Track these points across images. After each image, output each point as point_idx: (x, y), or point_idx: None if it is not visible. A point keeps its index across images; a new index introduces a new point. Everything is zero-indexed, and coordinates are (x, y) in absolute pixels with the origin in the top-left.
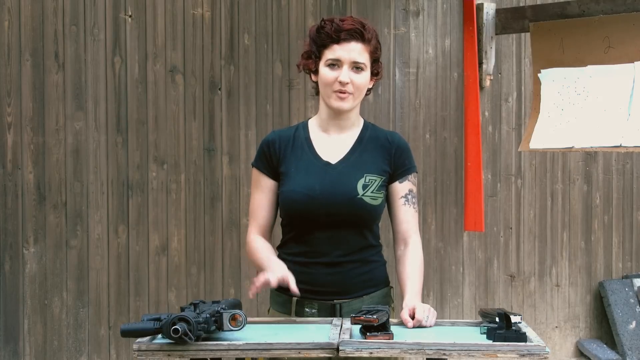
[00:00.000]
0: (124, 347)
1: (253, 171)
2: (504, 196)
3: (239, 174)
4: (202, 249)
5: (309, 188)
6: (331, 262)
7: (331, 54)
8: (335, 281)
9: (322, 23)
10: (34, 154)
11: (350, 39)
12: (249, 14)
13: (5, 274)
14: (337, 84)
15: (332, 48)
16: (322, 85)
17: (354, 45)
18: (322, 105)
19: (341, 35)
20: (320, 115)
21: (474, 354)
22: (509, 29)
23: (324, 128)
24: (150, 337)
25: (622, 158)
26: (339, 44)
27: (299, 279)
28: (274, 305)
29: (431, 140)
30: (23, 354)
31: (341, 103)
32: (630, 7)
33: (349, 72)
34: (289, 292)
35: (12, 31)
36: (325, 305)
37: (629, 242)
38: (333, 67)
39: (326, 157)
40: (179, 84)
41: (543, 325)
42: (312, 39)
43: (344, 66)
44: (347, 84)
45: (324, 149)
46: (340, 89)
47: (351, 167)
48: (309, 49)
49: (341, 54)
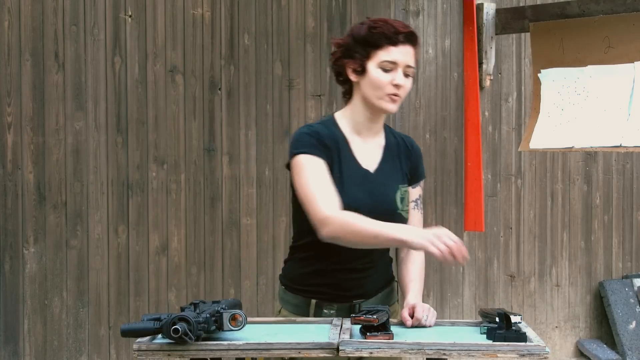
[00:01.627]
0: (124, 347)
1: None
2: (504, 196)
3: (239, 174)
4: (202, 249)
5: (354, 200)
6: (355, 269)
7: (387, 55)
8: (357, 285)
9: (372, 23)
10: (34, 154)
11: (406, 42)
12: (249, 14)
13: (5, 274)
14: (391, 86)
15: (388, 50)
16: (373, 86)
17: (408, 49)
18: (361, 106)
19: (399, 38)
20: (355, 117)
21: (474, 354)
22: (509, 29)
23: (357, 131)
24: (150, 337)
25: (622, 158)
26: (396, 46)
27: (318, 281)
28: (287, 306)
29: (431, 140)
30: (23, 354)
31: (392, 105)
32: (630, 7)
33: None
34: (307, 294)
35: (12, 31)
36: (344, 306)
37: (629, 242)
38: (387, 69)
39: (365, 164)
40: (179, 84)
41: (543, 325)
42: (363, 37)
43: (399, 69)
44: (401, 87)
45: (361, 154)
46: (394, 92)
47: (387, 177)
48: (349, 47)
49: (398, 56)
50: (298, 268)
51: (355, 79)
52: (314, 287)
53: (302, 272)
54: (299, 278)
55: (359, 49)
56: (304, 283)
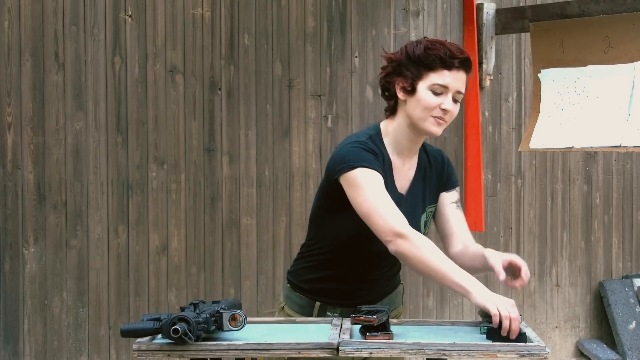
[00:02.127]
0: (124, 347)
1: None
2: (504, 196)
3: (239, 174)
4: (202, 249)
5: None
6: (366, 279)
7: (440, 79)
8: (365, 294)
9: (429, 44)
10: (34, 154)
11: (460, 67)
12: (249, 14)
13: (5, 274)
14: (438, 110)
15: (442, 73)
16: (421, 108)
17: (461, 75)
18: (404, 126)
19: (455, 63)
20: (398, 136)
21: (474, 354)
22: (509, 29)
23: (398, 151)
24: (150, 337)
25: (622, 158)
26: (450, 70)
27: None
28: (292, 305)
29: (431, 140)
30: (23, 354)
31: (437, 129)
32: (630, 7)
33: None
34: (312, 296)
35: (12, 31)
36: (348, 310)
37: (629, 242)
38: (437, 93)
39: (399, 187)
40: (179, 84)
41: (543, 325)
42: (417, 56)
43: (449, 94)
44: (448, 113)
45: (398, 175)
46: (440, 116)
47: (416, 200)
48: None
49: (451, 82)
50: (308, 270)
51: (403, 98)
52: (322, 291)
53: (312, 276)
54: (308, 280)
55: (411, 67)
56: (312, 285)
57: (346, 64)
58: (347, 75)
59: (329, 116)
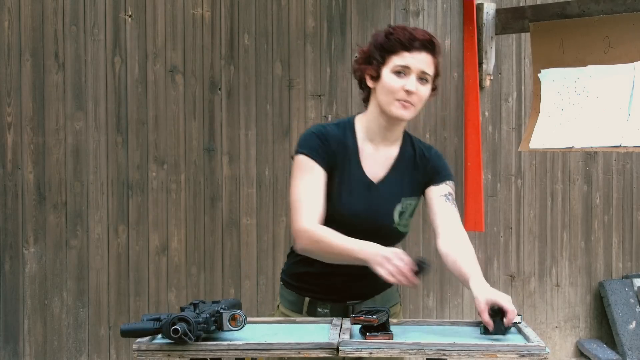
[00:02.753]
0: (124, 347)
1: (302, 158)
2: (504, 196)
3: (239, 174)
4: (202, 249)
5: (348, 209)
6: (351, 274)
7: (400, 60)
8: (353, 288)
9: (391, 29)
10: (34, 154)
11: (422, 48)
12: (249, 14)
13: (5, 274)
14: (402, 92)
15: (402, 55)
16: (385, 92)
17: (424, 56)
18: (375, 113)
19: (414, 44)
20: (370, 124)
21: (474, 354)
22: (509, 29)
23: (370, 138)
24: (150, 337)
25: (622, 158)
26: (410, 52)
27: (314, 281)
28: (285, 302)
29: (431, 140)
30: (23, 354)
31: (403, 112)
32: (630, 7)
33: (416, 82)
34: (301, 291)
35: (12, 31)
36: (338, 306)
37: (629, 242)
38: (399, 75)
39: (370, 174)
40: (179, 84)
41: (543, 325)
42: (379, 43)
43: (412, 75)
44: (413, 94)
45: (369, 163)
46: (405, 98)
47: (391, 189)
48: (370, 54)
49: (411, 61)
50: (295, 266)
51: (372, 85)
52: (308, 286)
53: (299, 270)
54: (296, 275)
55: (377, 55)
56: (300, 280)
57: (346, 64)
58: (347, 75)
59: (329, 116)
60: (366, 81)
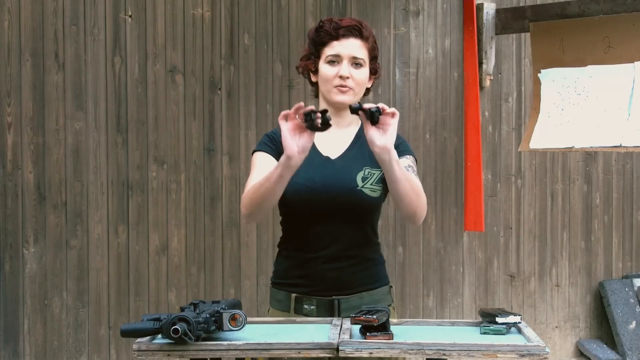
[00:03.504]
0: (124, 347)
1: (257, 155)
2: (504, 196)
3: (239, 174)
4: (202, 249)
5: (309, 179)
6: (330, 257)
7: (330, 50)
8: (334, 277)
9: (320, 22)
10: (34, 154)
11: (348, 35)
12: (249, 14)
13: (5, 274)
14: (337, 79)
15: (332, 45)
16: (323, 81)
17: (352, 41)
18: (324, 104)
19: (340, 32)
20: None
21: (474, 354)
22: (509, 29)
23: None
24: (150, 337)
25: (622, 158)
26: (338, 40)
27: (297, 274)
28: (274, 303)
29: (431, 140)
30: (23, 354)
31: (342, 96)
32: (630, 7)
33: (349, 67)
34: (288, 288)
35: (12, 31)
36: (324, 301)
37: (629, 242)
38: (333, 64)
39: (326, 153)
40: (179, 84)
41: (543, 325)
42: (312, 39)
43: (344, 61)
44: (348, 79)
45: (324, 145)
46: (340, 84)
47: (351, 161)
48: (308, 50)
49: (340, 49)
50: (281, 264)
51: (314, 79)
52: (293, 281)
53: (284, 267)
54: (282, 274)
55: (312, 50)
56: (285, 277)
57: None
58: None
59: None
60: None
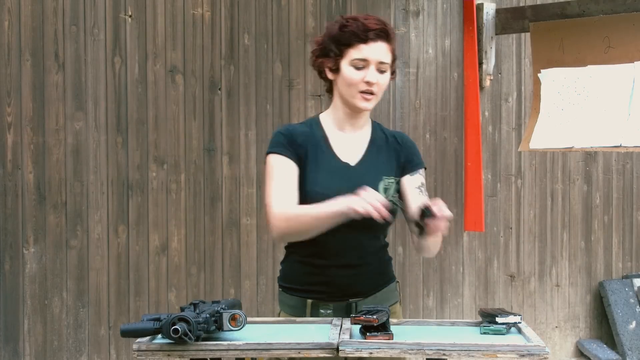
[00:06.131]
0: (124, 347)
1: (273, 157)
2: (504, 196)
3: (239, 174)
4: (202, 249)
5: (330, 189)
6: (347, 264)
7: (358, 53)
8: (351, 283)
9: (345, 21)
10: (34, 154)
11: (377, 38)
12: (249, 14)
13: (5, 274)
14: (363, 84)
15: (359, 48)
16: (346, 84)
17: (380, 45)
18: (340, 103)
19: (369, 35)
20: (336, 113)
21: (474, 354)
22: (509, 29)
23: (339, 126)
24: (150, 337)
25: (622, 158)
26: (366, 43)
27: (312, 280)
28: (285, 308)
29: (431, 140)
30: (23, 354)
31: (366, 104)
32: (630, 7)
33: (375, 73)
34: (302, 294)
35: (12, 31)
36: (340, 305)
37: (629, 242)
38: (359, 68)
39: (345, 158)
40: (179, 84)
41: (543, 325)
42: (334, 36)
43: (371, 66)
44: (374, 85)
45: (341, 148)
46: (367, 89)
47: (370, 169)
48: (325, 46)
49: (368, 54)
50: (293, 269)
51: (332, 77)
52: (309, 287)
53: (297, 273)
54: (295, 279)
55: (333, 47)
56: (299, 283)
57: None
58: None
59: None
60: (325, 73)
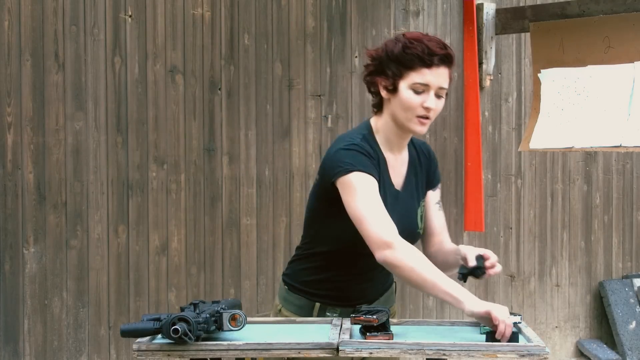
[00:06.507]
0: (124, 347)
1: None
2: (504, 196)
3: (239, 174)
4: (202, 249)
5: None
6: (366, 279)
7: (420, 77)
8: (364, 291)
9: (408, 42)
10: (34, 154)
11: (440, 64)
12: (249, 14)
13: (5, 274)
14: (421, 109)
15: (422, 72)
16: (404, 108)
17: (442, 71)
18: (391, 123)
19: (434, 60)
20: (387, 134)
21: (474, 354)
22: (509, 29)
23: (389, 147)
24: (150, 337)
25: (622, 158)
26: (429, 68)
27: (327, 287)
28: (290, 306)
29: (431, 140)
30: (23, 354)
31: (422, 127)
32: (630, 7)
33: (434, 99)
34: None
35: (12, 31)
36: (348, 310)
37: (629, 242)
38: (418, 91)
39: (396, 184)
40: (179, 84)
41: (543, 325)
42: (396, 56)
43: (431, 91)
44: (432, 110)
45: (393, 172)
46: (424, 115)
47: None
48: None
49: (431, 79)
50: (307, 272)
51: (387, 96)
52: (322, 292)
53: (311, 278)
54: (308, 283)
55: (392, 66)
56: (311, 287)
57: (346, 64)
58: (347, 75)
59: (329, 116)
60: (379, 90)
